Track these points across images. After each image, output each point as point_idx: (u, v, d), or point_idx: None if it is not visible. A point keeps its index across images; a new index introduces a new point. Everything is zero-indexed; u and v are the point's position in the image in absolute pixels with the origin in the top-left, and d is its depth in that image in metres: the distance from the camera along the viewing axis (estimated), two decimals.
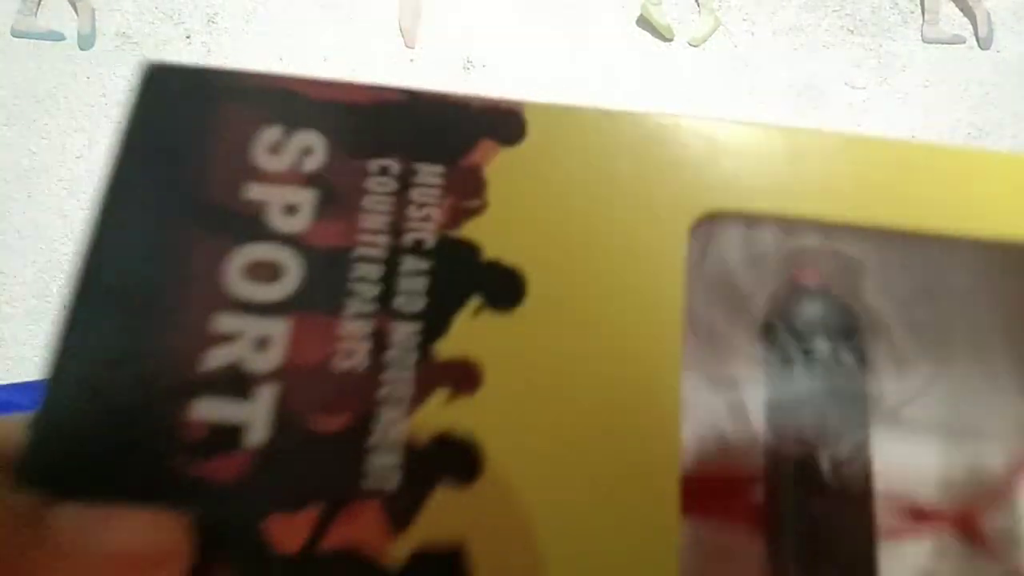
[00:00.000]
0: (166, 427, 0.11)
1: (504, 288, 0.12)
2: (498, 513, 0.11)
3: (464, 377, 0.12)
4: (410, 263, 0.12)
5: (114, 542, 0.10)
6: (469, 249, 0.13)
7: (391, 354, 0.12)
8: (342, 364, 0.12)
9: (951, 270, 0.14)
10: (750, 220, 0.13)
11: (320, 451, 0.11)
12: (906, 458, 0.14)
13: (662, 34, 1.00)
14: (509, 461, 0.11)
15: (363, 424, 0.12)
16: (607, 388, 0.12)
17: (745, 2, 1.02)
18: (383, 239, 0.13)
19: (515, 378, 0.12)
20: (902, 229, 0.13)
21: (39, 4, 1.02)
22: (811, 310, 0.14)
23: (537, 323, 0.12)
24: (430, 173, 0.13)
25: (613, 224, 0.13)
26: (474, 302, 0.12)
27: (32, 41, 1.01)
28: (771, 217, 0.13)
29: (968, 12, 1.01)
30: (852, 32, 1.01)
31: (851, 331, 0.14)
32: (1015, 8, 1.02)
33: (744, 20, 1.01)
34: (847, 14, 1.02)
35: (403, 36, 1.00)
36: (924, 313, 0.14)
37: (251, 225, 0.13)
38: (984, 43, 1.00)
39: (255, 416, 0.11)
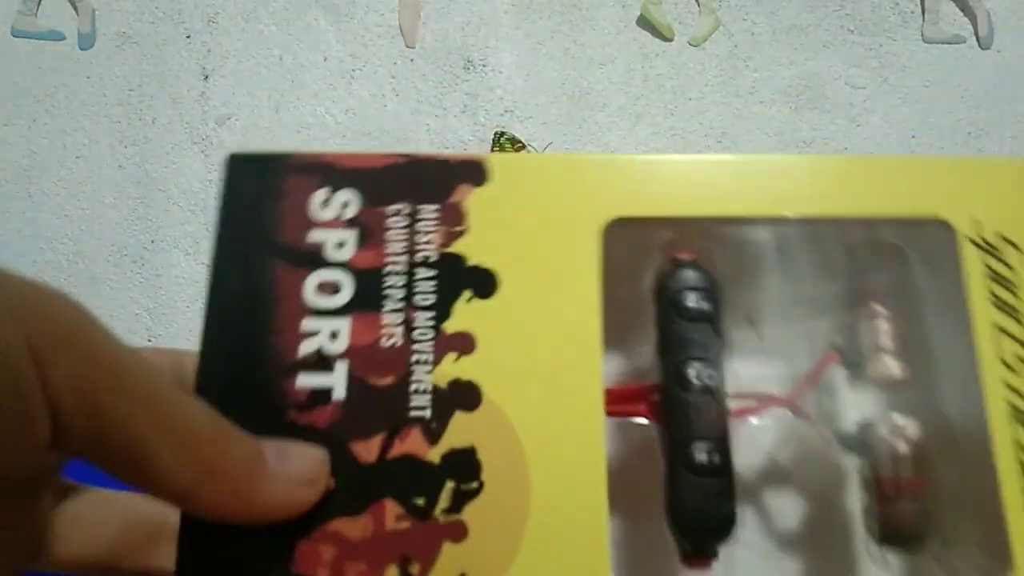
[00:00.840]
0: (281, 393, 0.18)
1: (485, 284, 0.19)
2: (494, 427, 0.18)
3: (465, 344, 0.19)
4: (422, 272, 0.19)
5: (297, 462, 0.17)
6: (459, 259, 0.20)
7: (416, 333, 0.19)
8: (386, 342, 0.19)
9: (772, 244, 0.22)
10: (643, 221, 0.21)
11: (379, 398, 0.18)
12: (758, 367, 0.22)
13: (662, 34, 1.06)
14: (498, 394, 0.18)
15: (404, 379, 0.19)
16: (552, 342, 0.19)
17: (745, 2, 1.08)
18: (403, 258, 0.20)
19: (497, 342, 0.19)
20: (738, 217, 0.20)
21: (39, 4, 1.08)
22: (684, 276, 0.21)
23: (508, 305, 0.19)
24: (429, 210, 0.20)
25: (551, 232, 0.20)
26: (466, 294, 0.19)
27: (32, 41, 1.07)
28: (656, 218, 0.20)
29: (968, 12, 1.07)
30: (852, 32, 1.08)
31: (711, 288, 0.21)
32: (1015, 8, 1.08)
33: (744, 20, 1.08)
34: (847, 14, 1.08)
35: (403, 36, 1.07)
36: (759, 274, 0.22)
37: (316, 258, 0.19)
38: (984, 43, 1.07)
39: (336, 381, 0.18)
